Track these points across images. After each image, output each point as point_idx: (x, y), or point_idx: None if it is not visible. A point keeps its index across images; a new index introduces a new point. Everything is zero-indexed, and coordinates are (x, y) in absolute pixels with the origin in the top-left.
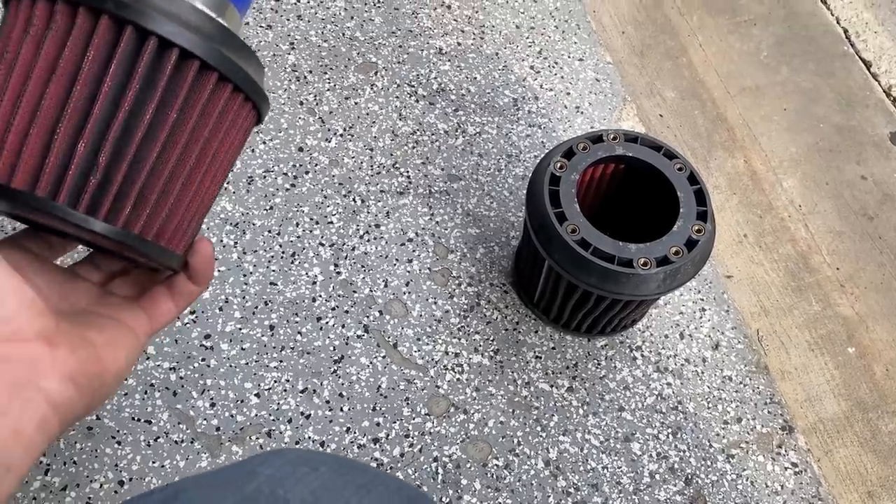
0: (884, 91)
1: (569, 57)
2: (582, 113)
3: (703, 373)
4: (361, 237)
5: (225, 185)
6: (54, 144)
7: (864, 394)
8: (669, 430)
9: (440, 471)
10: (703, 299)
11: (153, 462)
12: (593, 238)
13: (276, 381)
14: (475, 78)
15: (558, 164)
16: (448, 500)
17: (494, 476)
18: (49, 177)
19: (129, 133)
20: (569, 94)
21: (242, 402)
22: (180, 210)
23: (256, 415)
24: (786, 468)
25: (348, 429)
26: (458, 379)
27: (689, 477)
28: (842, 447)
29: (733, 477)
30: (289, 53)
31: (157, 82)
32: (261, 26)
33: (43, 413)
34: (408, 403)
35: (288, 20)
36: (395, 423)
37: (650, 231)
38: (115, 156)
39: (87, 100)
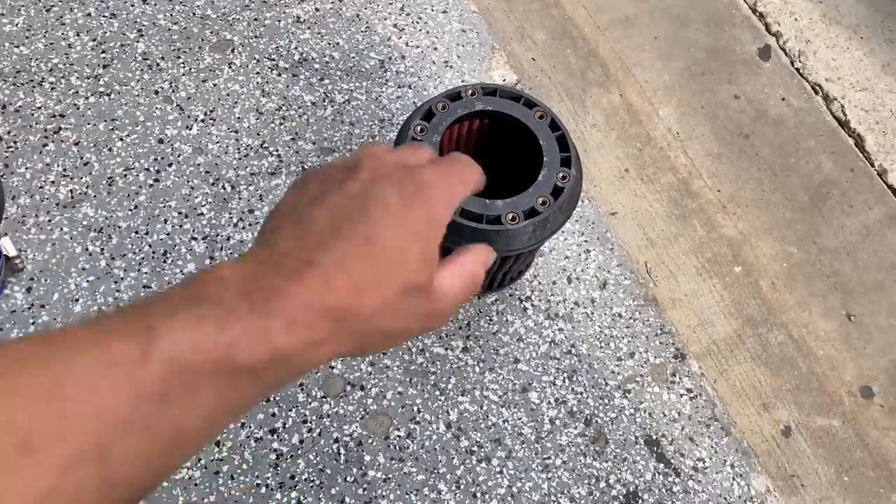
0: (749, 8)
1: (432, 10)
2: (451, 67)
3: (592, 313)
4: (235, 225)
5: (84, 189)
6: None
7: (752, 310)
8: (565, 375)
9: (342, 451)
10: (587, 241)
11: None
12: None
13: None
14: (338, 43)
15: (418, 128)
16: (353, 478)
17: (397, 447)
18: None
19: None
20: (436, 49)
21: None
22: None
23: None
24: (681, 395)
25: (243, 424)
26: None
27: (589, 417)
28: (735, 365)
29: (631, 411)
30: (137, 41)
31: None
32: (104, 16)
33: None
34: (302, 389)
35: (133, 6)
36: (290, 410)
37: (523, 184)
38: None
39: None
